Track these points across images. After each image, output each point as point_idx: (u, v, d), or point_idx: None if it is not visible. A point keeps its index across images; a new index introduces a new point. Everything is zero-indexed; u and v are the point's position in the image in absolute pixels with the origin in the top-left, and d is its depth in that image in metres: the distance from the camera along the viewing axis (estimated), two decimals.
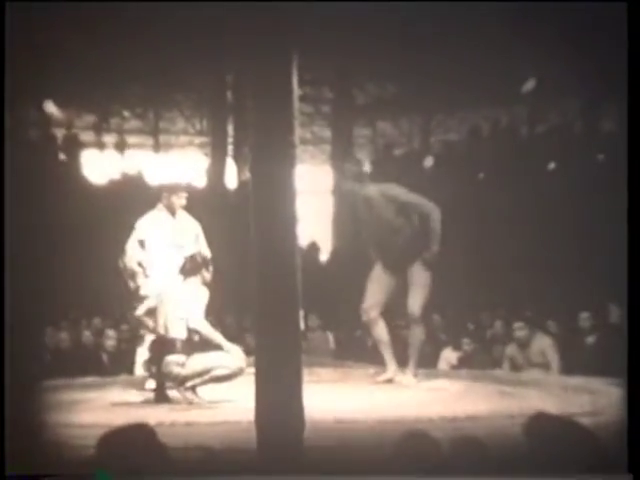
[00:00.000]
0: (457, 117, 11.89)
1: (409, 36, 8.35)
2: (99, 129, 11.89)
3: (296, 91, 3.75)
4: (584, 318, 7.37)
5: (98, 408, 5.34)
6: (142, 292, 6.02)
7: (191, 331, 5.53)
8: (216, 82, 11.33)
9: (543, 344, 7.27)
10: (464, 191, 9.85)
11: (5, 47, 3.68)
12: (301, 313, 3.75)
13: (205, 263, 5.75)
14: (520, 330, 7.35)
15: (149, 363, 5.68)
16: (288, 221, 3.65)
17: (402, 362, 6.30)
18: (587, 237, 8.58)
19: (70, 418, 4.53)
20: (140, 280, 6.03)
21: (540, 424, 2.92)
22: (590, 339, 7.24)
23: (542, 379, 6.56)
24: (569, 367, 6.91)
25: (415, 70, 9.98)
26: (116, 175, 11.43)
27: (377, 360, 6.59)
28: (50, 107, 10.56)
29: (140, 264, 6.05)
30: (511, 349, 7.40)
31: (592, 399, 5.28)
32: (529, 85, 10.11)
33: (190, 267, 5.70)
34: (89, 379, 6.56)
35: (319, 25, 4.34)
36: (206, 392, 5.45)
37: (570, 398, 5.40)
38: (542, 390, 5.86)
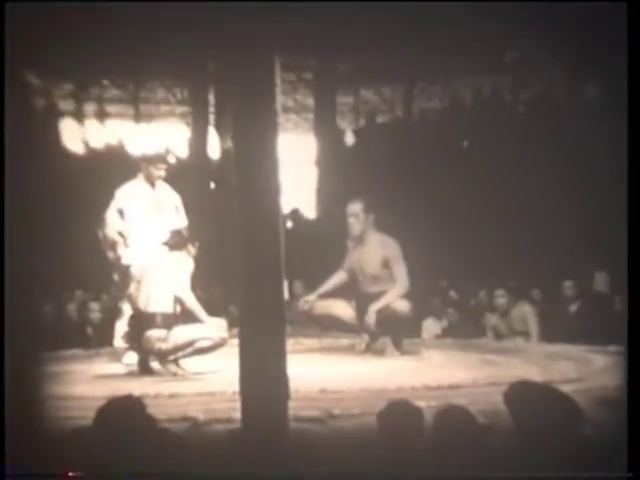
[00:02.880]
0: (440, 85, 11.84)
1: (392, 3, 8.28)
2: (79, 98, 11.75)
3: (277, 59, 3.70)
4: (568, 286, 7.41)
5: (82, 380, 5.33)
6: (123, 262, 5.98)
7: (175, 302, 5.50)
8: (196, 50, 11.20)
9: (524, 311, 7.32)
10: (448, 160, 9.84)
11: None
12: (285, 283, 3.74)
13: (191, 238, 5.72)
14: (501, 298, 7.40)
15: (129, 338, 5.65)
16: (271, 190, 3.62)
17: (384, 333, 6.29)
18: (571, 205, 8.61)
19: (54, 390, 4.52)
20: (120, 250, 5.99)
21: (524, 394, 2.94)
22: (574, 307, 7.29)
23: (525, 347, 6.61)
24: (553, 335, 6.96)
25: (398, 38, 9.90)
26: (96, 145, 11.33)
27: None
28: (28, 75, 10.41)
29: (120, 234, 6.00)
30: (493, 318, 7.45)
31: (575, 366, 5.33)
32: (512, 53, 10.07)
33: (176, 241, 5.67)
34: (73, 351, 6.54)
35: None
36: (191, 363, 5.44)
37: (553, 366, 5.44)
38: (525, 358, 5.90)
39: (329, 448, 3.57)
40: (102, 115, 11.92)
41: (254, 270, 3.59)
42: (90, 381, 5.32)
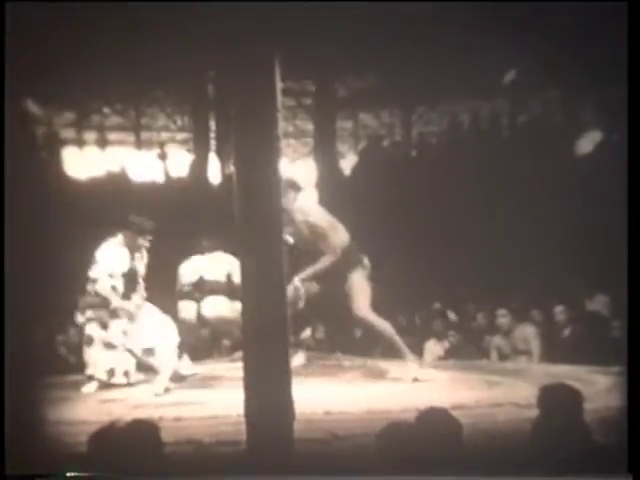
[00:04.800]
0: (439, 108, 11.92)
1: (390, 28, 8.36)
2: (79, 126, 11.82)
3: (278, 84, 3.75)
4: (569, 308, 7.42)
5: (88, 405, 5.34)
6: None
7: None
8: (197, 77, 11.29)
9: (526, 331, 7.33)
10: (448, 182, 9.88)
11: None
12: None
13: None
14: (503, 317, 7.41)
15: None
16: (273, 215, 3.66)
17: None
18: (568, 226, 8.64)
19: (62, 415, 4.53)
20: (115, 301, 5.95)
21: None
22: (573, 328, 7.29)
23: (528, 368, 6.60)
24: (554, 356, 6.96)
25: (396, 62, 9.98)
26: (98, 172, 11.38)
27: (366, 353, 6.59)
28: (29, 104, 10.48)
29: (114, 288, 5.96)
30: (497, 338, 7.46)
31: (578, 387, 5.31)
32: (511, 74, 10.13)
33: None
34: (79, 376, 6.54)
35: (300, 18, 4.34)
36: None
37: None
38: (528, 379, 5.89)
39: (334, 469, 3.58)
40: (103, 143, 11.98)
41: (257, 292, 3.62)
42: (96, 406, 5.33)
